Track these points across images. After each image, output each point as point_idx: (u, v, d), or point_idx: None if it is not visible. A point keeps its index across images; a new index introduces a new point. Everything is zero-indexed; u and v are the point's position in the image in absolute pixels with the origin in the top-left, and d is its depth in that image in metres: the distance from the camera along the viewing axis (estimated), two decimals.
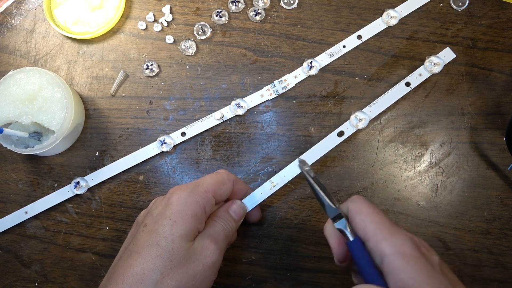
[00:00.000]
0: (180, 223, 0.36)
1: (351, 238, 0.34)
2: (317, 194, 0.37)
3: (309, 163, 0.45)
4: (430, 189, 0.48)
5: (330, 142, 0.47)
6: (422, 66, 0.49)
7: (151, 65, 0.50)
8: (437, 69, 0.48)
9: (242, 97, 0.49)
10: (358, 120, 0.47)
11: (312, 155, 0.47)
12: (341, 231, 0.35)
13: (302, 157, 0.47)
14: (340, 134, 0.48)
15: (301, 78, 0.50)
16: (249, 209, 0.44)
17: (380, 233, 0.32)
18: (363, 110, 0.48)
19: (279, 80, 0.49)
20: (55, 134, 0.45)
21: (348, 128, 0.48)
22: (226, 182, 0.41)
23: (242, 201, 0.43)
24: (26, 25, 0.52)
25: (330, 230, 0.36)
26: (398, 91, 0.48)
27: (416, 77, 0.49)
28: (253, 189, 0.44)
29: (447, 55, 0.49)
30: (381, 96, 0.48)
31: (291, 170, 0.46)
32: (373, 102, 0.48)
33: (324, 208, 0.36)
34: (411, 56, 0.50)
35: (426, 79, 0.49)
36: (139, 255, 0.36)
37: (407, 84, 0.49)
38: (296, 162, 0.45)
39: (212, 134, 0.49)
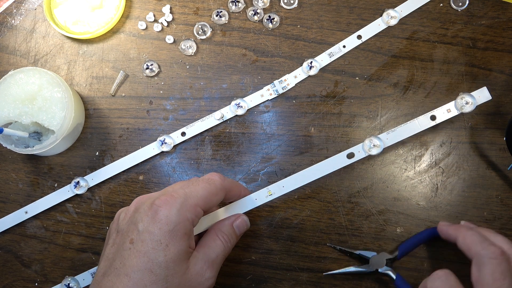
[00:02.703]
0: (173, 247, 0.34)
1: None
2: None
3: (313, 178, 0.44)
4: (430, 189, 0.48)
5: (338, 162, 0.44)
6: (453, 101, 0.45)
7: (151, 65, 0.50)
8: (468, 109, 0.44)
9: (242, 97, 0.49)
10: (372, 146, 0.44)
11: (317, 171, 0.44)
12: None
13: (305, 172, 0.44)
14: (350, 156, 0.45)
15: (301, 78, 0.50)
16: (242, 212, 0.42)
17: None
18: (379, 136, 0.45)
19: (279, 80, 0.49)
20: (55, 134, 0.45)
21: (359, 151, 0.45)
22: (219, 192, 0.38)
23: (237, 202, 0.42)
24: (26, 25, 0.52)
25: None
26: (422, 123, 0.44)
27: (444, 113, 0.45)
28: (251, 191, 0.43)
29: (482, 95, 0.44)
30: (402, 125, 0.44)
31: (291, 183, 0.43)
32: (392, 129, 0.45)
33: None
34: (411, 56, 0.50)
35: (426, 81, 0.49)
36: (130, 279, 0.33)
37: (432, 117, 0.44)
38: (296, 176, 0.44)
39: (212, 134, 0.49)
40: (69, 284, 0.47)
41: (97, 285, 0.35)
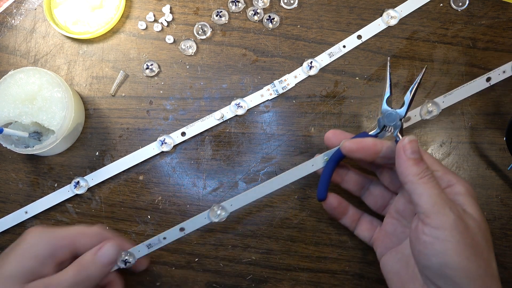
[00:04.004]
0: (14, 262, 0.34)
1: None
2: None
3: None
4: None
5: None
6: (509, 63, 0.47)
7: (151, 65, 0.50)
8: None
9: (242, 97, 0.49)
10: (428, 110, 0.44)
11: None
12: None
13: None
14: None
15: (301, 78, 0.50)
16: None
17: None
18: (435, 99, 0.45)
19: (279, 80, 0.49)
20: (55, 134, 0.45)
21: (415, 115, 0.46)
22: (92, 237, 0.39)
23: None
24: (26, 25, 0.52)
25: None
26: (478, 84, 0.47)
27: (499, 74, 0.47)
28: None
29: None
30: (459, 88, 0.46)
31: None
32: (449, 92, 0.46)
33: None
34: (411, 56, 0.50)
35: (426, 81, 0.49)
36: None
37: (488, 79, 0.47)
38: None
39: (212, 134, 0.49)
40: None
41: None
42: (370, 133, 0.42)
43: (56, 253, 0.37)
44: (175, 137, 0.49)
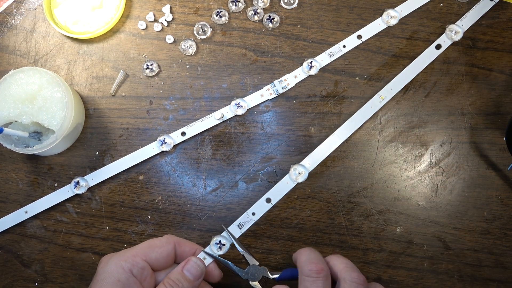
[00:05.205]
0: None
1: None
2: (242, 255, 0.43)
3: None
4: (430, 189, 0.48)
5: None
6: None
7: (151, 64, 0.50)
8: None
9: (242, 97, 0.49)
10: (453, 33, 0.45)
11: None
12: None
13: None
14: (438, 46, 0.48)
15: (301, 78, 0.50)
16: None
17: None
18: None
19: (279, 80, 0.49)
20: (55, 133, 0.45)
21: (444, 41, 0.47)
22: (163, 244, 0.41)
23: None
24: (26, 24, 0.52)
25: None
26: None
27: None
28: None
29: None
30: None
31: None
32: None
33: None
34: (411, 56, 0.50)
35: (426, 81, 0.49)
36: None
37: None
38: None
39: (212, 134, 0.49)
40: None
41: None
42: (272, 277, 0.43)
43: (134, 272, 0.38)
44: (175, 137, 0.49)
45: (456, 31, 0.48)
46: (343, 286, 0.37)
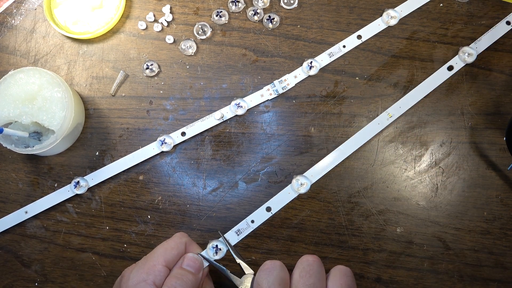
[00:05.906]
0: None
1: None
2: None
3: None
4: (430, 189, 0.48)
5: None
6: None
7: (151, 65, 0.50)
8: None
9: (242, 97, 0.49)
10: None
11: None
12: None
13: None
14: (450, 68, 0.48)
15: (301, 78, 0.50)
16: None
17: None
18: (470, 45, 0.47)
19: (279, 80, 0.49)
20: (55, 134, 0.45)
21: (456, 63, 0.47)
22: (177, 246, 0.41)
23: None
24: (26, 25, 0.52)
25: None
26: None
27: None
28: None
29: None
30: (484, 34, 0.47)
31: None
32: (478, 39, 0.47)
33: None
34: (411, 56, 0.50)
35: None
36: None
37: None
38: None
39: (212, 134, 0.49)
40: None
41: None
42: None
43: (157, 282, 0.38)
44: (175, 137, 0.49)
45: (469, 53, 0.48)
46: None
